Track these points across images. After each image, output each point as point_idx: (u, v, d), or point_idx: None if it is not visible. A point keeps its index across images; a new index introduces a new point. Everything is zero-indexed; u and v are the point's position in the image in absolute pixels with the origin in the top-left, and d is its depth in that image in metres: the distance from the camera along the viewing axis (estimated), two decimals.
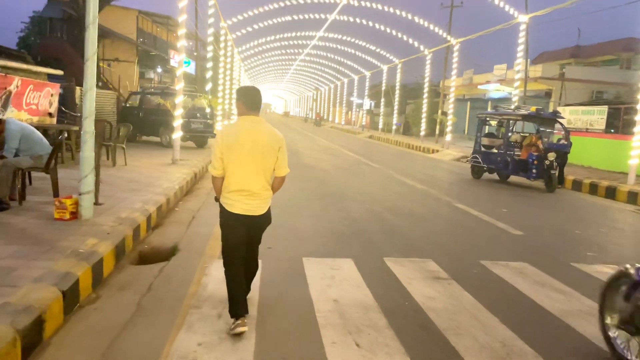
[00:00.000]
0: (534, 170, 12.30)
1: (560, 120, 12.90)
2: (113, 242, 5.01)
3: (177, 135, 11.64)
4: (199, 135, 16.12)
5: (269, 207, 3.77)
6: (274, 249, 5.73)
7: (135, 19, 32.98)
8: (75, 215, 5.59)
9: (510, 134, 13.33)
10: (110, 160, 10.51)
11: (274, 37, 35.46)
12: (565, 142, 12.56)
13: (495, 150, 13.80)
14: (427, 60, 28.76)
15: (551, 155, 12.12)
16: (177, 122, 11.74)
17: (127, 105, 17.34)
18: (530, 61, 29.30)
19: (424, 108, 29.57)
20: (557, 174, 12.18)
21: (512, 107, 13.79)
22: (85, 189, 5.54)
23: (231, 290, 3.60)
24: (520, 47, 19.13)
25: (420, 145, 26.45)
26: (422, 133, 29.12)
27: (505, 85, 27.97)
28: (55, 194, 6.36)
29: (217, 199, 3.74)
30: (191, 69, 37.16)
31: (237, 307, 3.53)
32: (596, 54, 33.36)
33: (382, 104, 39.71)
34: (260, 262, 4.22)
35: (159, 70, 34.24)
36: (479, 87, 30.43)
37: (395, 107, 35.66)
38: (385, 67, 38.37)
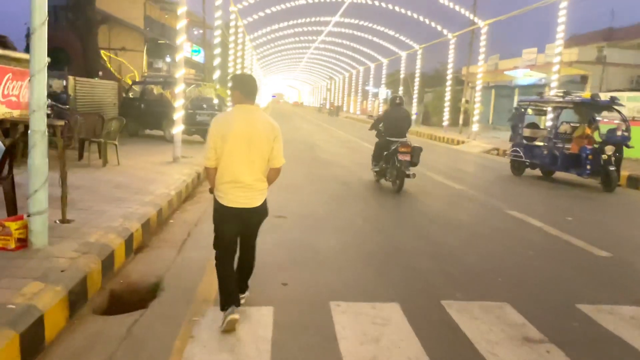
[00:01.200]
0: (588, 167, 10.62)
1: (618, 108, 11.16)
2: (66, 285, 3.57)
3: (177, 129, 10.18)
4: (206, 128, 14.65)
5: (265, 200, 3.59)
6: (290, 286, 4.26)
7: (142, 6, 31.48)
8: (24, 242, 4.16)
9: (559, 125, 11.61)
10: (101, 159, 9.11)
11: (288, 23, 33.80)
12: (626, 134, 10.83)
13: (539, 143, 12.11)
14: (450, 45, 26.87)
15: (609, 149, 10.43)
16: (178, 115, 10.26)
17: (129, 96, 15.94)
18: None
19: (447, 96, 27.73)
20: (615, 171, 10.49)
21: (559, 93, 12.07)
22: (36, 209, 4.10)
23: (222, 285, 3.53)
24: (561, 27, 17.22)
25: (443, 136, 24.71)
26: (445, 123, 27.34)
27: (536, 70, 26.02)
28: (11, 211, 4.94)
29: (211, 191, 3.61)
30: (201, 57, 35.79)
31: (228, 298, 3.44)
32: (631, 37, 31.09)
33: (400, 92, 37.84)
34: (271, 308, 3.74)
35: (168, 59, 32.79)
36: (505, 73, 28.46)
37: (415, 96, 33.83)
38: (404, 54, 36.50)
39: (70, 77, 12.91)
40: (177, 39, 10.30)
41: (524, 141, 12.53)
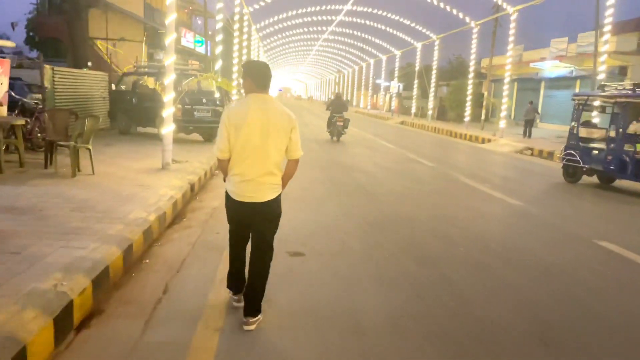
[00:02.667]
0: None
1: None
2: None
3: (167, 129, 8.32)
4: (206, 126, 12.79)
5: (278, 196, 3.38)
6: None
7: None
8: None
9: (628, 124, 9.61)
10: (71, 167, 7.27)
11: (296, 12, 31.79)
12: None
13: (600, 146, 10.15)
14: (473, 34, 24.80)
15: None
16: (168, 111, 8.40)
17: (121, 88, 14.11)
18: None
19: (469, 90, 25.72)
20: None
21: (628, 86, 10.08)
22: None
23: (231, 266, 3.65)
24: (609, 11, 15.14)
25: (465, 133, 22.73)
26: (467, 119, 25.34)
27: (567, 62, 23.93)
28: None
29: (225, 179, 3.45)
30: (204, 49, 33.91)
31: (233, 281, 3.65)
32: None
33: (415, 86, 35.83)
34: None
35: None
36: (531, 65, 26.37)
37: (432, 89, 31.79)
38: (419, 45, 34.42)
39: (47, 67, 11.08)
40: (167, 18, 8.40)
41: (581, 143, 10.58)
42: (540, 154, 16.48)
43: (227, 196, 3.41)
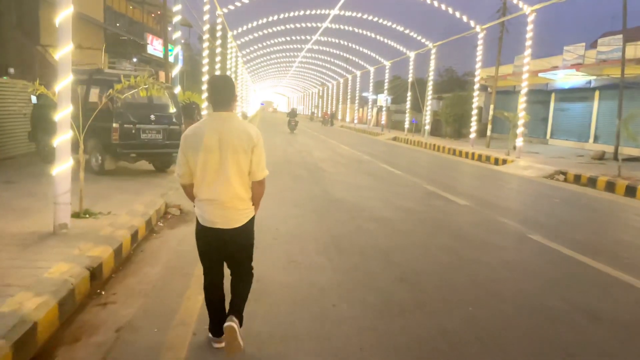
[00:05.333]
0: None
1: None
2: None
3: (60, 166, 4.92)
4: (156, 152, 9.45)
5: (250, 220, 3.15)
6: None
7: None
8: None
9: None
10: None
11: (278, 17, 28.59)
12: None
13: None
14: (478, 40, 21.96)
15: None
16: (61, 137, 5.02)
17: (44, 102, 10.66)
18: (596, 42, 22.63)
19: (475, 102, 22.85)
20: None
21: None
22: None
23: (210, 312, 3.26)
24: None
25: (472, 152, 19.71)
26: (472, 135, 22.37)
27: (584, 71, 21.19)
28: None
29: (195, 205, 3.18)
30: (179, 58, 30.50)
31: (213, 324, 3.24)
32: None
33: (408, 99, 32.94)
34: None
35: (135, 60, 27.50)
36: (540, 75, 23.61)
37: (428, 102, 28.84)
38: (412, 54, 31.57)
39: None
40: (157, 39, 5.07)
41: None
42: (577, 180, 13.47)
43: (197, 224, 3.15)
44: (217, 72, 23.57)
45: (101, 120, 8.89)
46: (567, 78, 23.01)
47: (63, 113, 4.87)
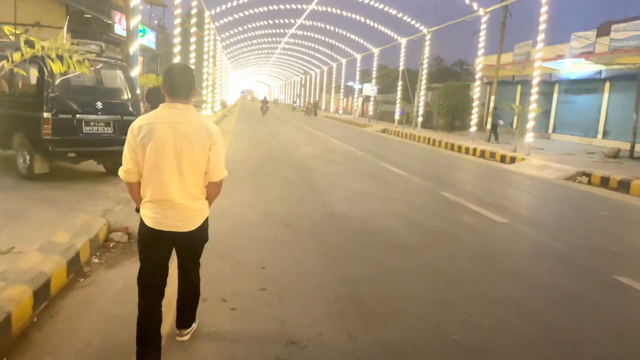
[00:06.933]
0: None
1: None
2: None
3: None
4: (104, 150, 7.27)
5: (205, 221, 2.88)
6: None
7: None
8: None
9: None
10: None
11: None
12: None
13: None
14: (481, 24, 20.08)
15: None
16: None
17: None
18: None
19: (476, 94, 21.06)
20: None
21: None
22: None
23: (140, 324, 2.73)
24: None
25: (474, 148, 17.90)
26: (473, 129, 20.57)
27: (594, 60, 19.50)
28: None
29: (137, 210, 2.84)
30: (148, 40, 27.94)
31: (142, 350, 2.69)
32: None
33: (399, 88, 31.01)
34: None
35: (103, 44, 24.84)
36: (544, 65, 21.88)
37: (422, 93, 26.97)
38: (404, 40, 29.59)
39: None
40: None
41: None
42: (604, 183, 11.74)
43: (142, 227, 2.79)
44: (192, 55, 21.25)
45: (29, 109, 6.74)
46: (574, 68, 21.34)
47: None
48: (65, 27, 20.37)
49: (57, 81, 6.72)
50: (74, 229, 4.87)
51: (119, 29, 23.91)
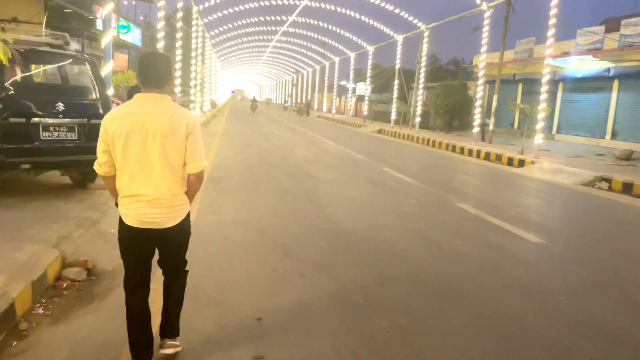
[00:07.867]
0: None
1: None
2: None
3: None
4: (67, 161, 6.12)
5: (186, 216, 2.73)
6: None
7: None
8: None
9: None
10: None
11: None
12: None
13: None
14: (484, 20, 19.12)
15: None
16: None
17: None
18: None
19: (479, 93, 20.08)
20: None
21: None
22: None
23: (129, 326, 2.72)
24: None
25: (478, 150, 16.94)
26: (475, 130, 19.59)
27: (603, 57, 18.61)
28: None
29: (117, 204, 2.71)
30: (132, 37, 26.68)
31: (134, 349, 2.70)
32: None
33: (395, 87, 29.99)
34: None
35: (83, 40, 23.48)
36: (547, 62, 20.98)
37: (420, 92, 25.99)
38: (400, 38, 28.59)
39: None
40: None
41: None
42: (627, 189, 10.81)
43: (121, 225, 2.68)
44: (178, 52, 20.08)
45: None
46: (580, 65, 20.44)
47: None
48: (44, 23, 18.81)
49: (8, 78, 5.58)
50: (13, 267, 3.76)
51: (102, 24, 22.72)
